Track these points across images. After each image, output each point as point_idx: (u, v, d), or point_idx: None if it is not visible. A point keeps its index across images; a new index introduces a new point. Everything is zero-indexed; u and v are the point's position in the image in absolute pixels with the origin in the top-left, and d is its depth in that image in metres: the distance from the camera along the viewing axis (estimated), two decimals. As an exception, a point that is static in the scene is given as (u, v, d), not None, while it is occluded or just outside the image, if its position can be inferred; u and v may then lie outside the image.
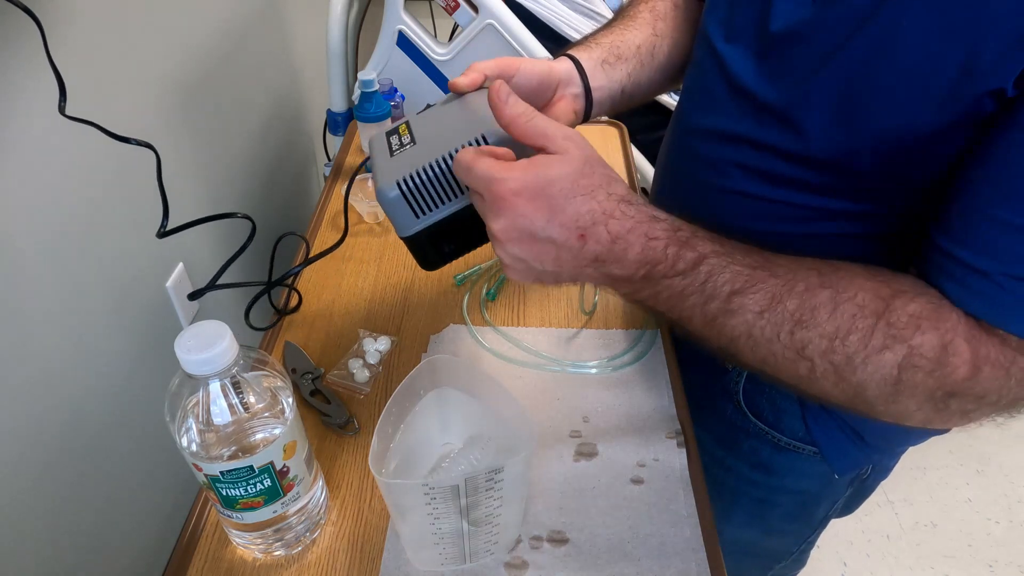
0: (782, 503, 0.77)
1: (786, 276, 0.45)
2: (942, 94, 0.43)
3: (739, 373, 0.70)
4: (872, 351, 0.43)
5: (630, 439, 0.64)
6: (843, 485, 0.74)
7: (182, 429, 0.46)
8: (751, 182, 0.58)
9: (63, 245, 0.71)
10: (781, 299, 0.44)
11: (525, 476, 0.51)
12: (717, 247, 0.46)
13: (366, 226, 0.91)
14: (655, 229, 0.45)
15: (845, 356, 0.43)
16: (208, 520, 0.59)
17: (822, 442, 0.68)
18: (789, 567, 0.89)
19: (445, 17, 1.27)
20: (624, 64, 0.67)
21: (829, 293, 0.44)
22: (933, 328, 0.42)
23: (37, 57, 0.64)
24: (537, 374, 0.70)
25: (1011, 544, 1.52)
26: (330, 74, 1.29)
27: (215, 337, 0.44)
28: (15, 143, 0.63)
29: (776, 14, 0.52)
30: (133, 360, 0.85)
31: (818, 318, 0.43)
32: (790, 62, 0.52)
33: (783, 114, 0.53)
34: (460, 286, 0.81)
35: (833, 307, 0.43)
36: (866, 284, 0.44)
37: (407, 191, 0.51)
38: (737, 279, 0.45)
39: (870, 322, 0.43)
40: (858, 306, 0.43)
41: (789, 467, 0.72)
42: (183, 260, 0.96)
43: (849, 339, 0.43)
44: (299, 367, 0.70)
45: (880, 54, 0.45)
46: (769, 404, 0.69)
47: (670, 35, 0.70)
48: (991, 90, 0.41)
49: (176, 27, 0.93)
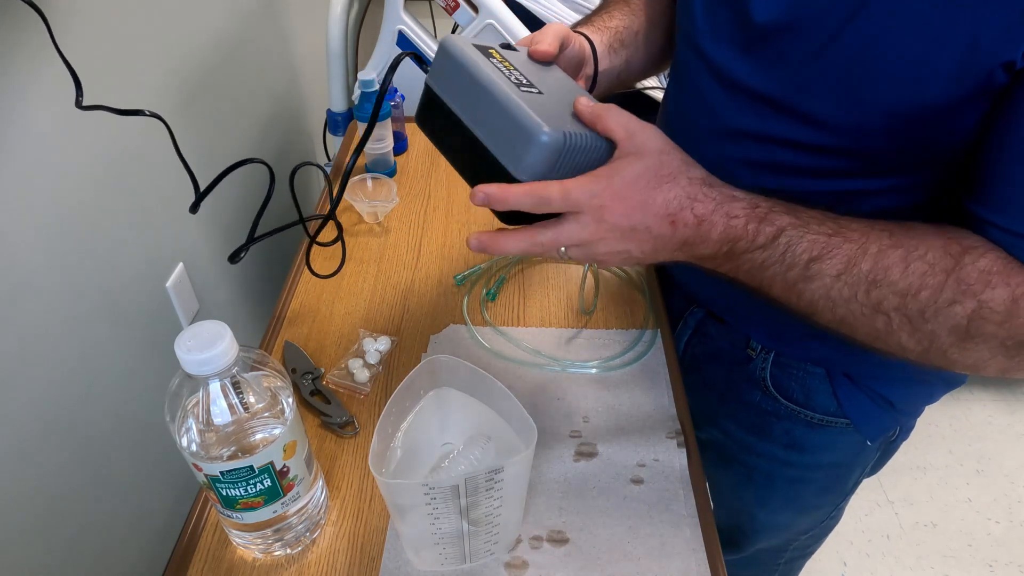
0: (816, 479, 0.78)
1: (860, 240, 0.47)
2: (950, 70, 0.44)
3: (764, 360, 0.71)
4: (943, 304, 0.45)
5: (630, 439, 0.64)
6: (873, 450, 0.75)
7: (182, 429, 0.46)
8: (759, 177, 0.58)
9: (63, 245, 0.71)
10: (856, 262, 0.46)
11: (525, 476, 0.51)
12: (793, 218, 0.48)
13: (366, 226, 0.91)
14: (735, 208, 0.48)
15: (917, 310, 0.45)
16: (208, 520, 0.59)
17: (853, 414, 0.69)
18: (817, 535, 0.90)
19: (445, 17, 1.27)
20: (624, 51, 0.68)
21: (900, 252, 0.46)
22: (1003, 283, 0.44)
23: (37, 53, 0.64)
24: (537, 374, 0.70)
25: (1011, 544, 1.52)
26: (330, 74, 1.29)
27: (215, 337, 0.44)
28: (15, 143, 0.63)
29: (757, 5, 0.53)
30: (133, 360, 0.85)
31: (891, 276, 0.46)
32: (783, 52, 0.52)
33: (784, 104, 0.53)
34: (460, 286, 0.81)
35: (905, 266, 0.45)
36: (936, 242, 0.46)
37: (567, 147, 0.47)
38: (814, 247, 0.47)
39: (940, 278, 0.45)
40: (928, 264, 0.45)
41: (822, 443, 0.73)
42: (183, 260, 0.96)
43: (920, 295, 0.45)
44: (299, 367, 0.70)
45: (880, 38, 0.46)
46: (798, 385, 0.70)
47: (659, 22, 0.71)
48: (1002, 63, 0.42)
49: (174, 29, 0.93)
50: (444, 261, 0.85)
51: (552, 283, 0.82)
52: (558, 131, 0.46)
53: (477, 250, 0.50)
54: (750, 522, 0.86)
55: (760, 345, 0.70)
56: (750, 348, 0.71)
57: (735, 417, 0.76)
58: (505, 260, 0.84)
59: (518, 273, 0.83)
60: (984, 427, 1.76)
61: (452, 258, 0.85)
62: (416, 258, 0.85)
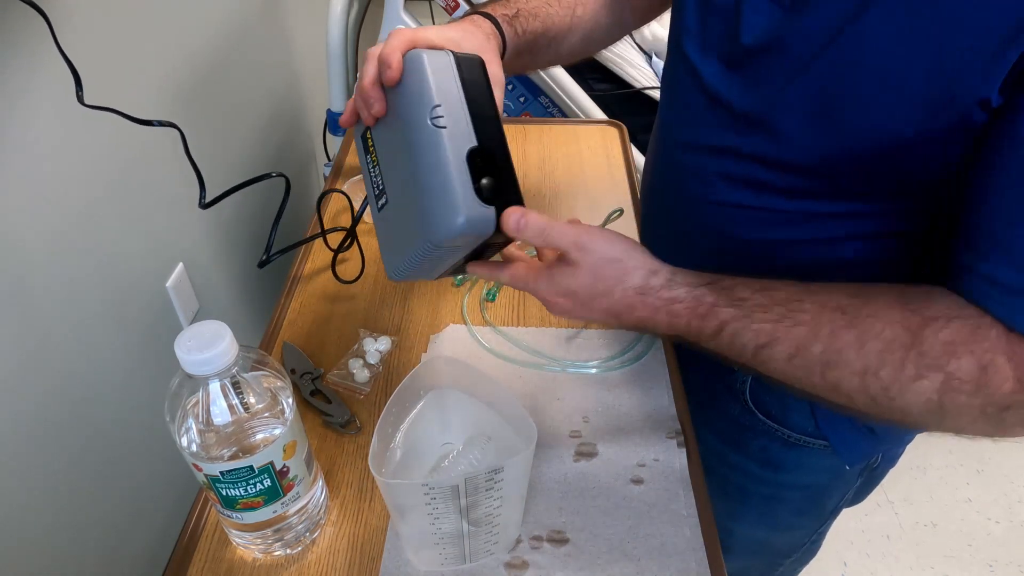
0: (792, 498, 0.77)
1: (811, 323, 0.46)
2: (923, 102, 0.44)
3: (745, 373, 0.70)
4: (907, 381, 0.44)
5: (630, 439, 0.64)
6: (853, 476, 0.74)
7: (182, 429, 0.46)
8: (736, 192, 0.58)
9: (63, 245, 0.71)
10: (807, 346, 0.46)
11: (525, 476, 0.51)
12: (736, 311, 0.48)
13: (366, 226, 0.91)
14: (676, 308, 0.50)
15: (880, 388, 0.45)
16: (208, 520, 0.59)
17: (832, 436, 0.68)
18: (800, 559, 0.89)
19: (445, 17, 1.27)
20: (538, 16, 0.66)
21: (855, 334, 0.45)
22: (968, 352, 0.42)
23: (38, 54, 0.64)
24: (537, 374, 0.70)
25: (1011, 544, 1.52)
26: (330, 74, 1.29)
27: (215, 337, 0.44)
28: (16, 143, 0.64)
29: (746, 27, 0.53)
30: (133, 360, 0.85)
31: (846, 358, 0.45)
32: (764, 72, 0.52)
33: (761, 122, 0.53)
34: (460, 286, 0.81)
35: (860, 346, 0.45)
36: (895, 316, 0.45)
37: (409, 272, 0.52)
38: (759, 336, 0.47)
39: (899, 355, 0.44)
40: (885, 341, 0.44)
41: (798, 462, 0.72)
42: (183, 260, 0.96)
43: (880, 373, 0.44)
44: (298, 368, 0.70)
45: (852, 64, 0.46)
46: (777, 401, 0.69)
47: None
48: (977, 100, 0.42)
49: (174, 28, 0.93)
50: (444, 261, 0.85)
51: (552, 283, 0.82)
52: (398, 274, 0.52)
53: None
54: (726, 535, 0.85)
55: None
56: None
57: (713, 427, 0.75)
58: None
59: (518, 273, 0.83)
60: (984, 427, 1.76)
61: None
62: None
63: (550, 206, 0.93)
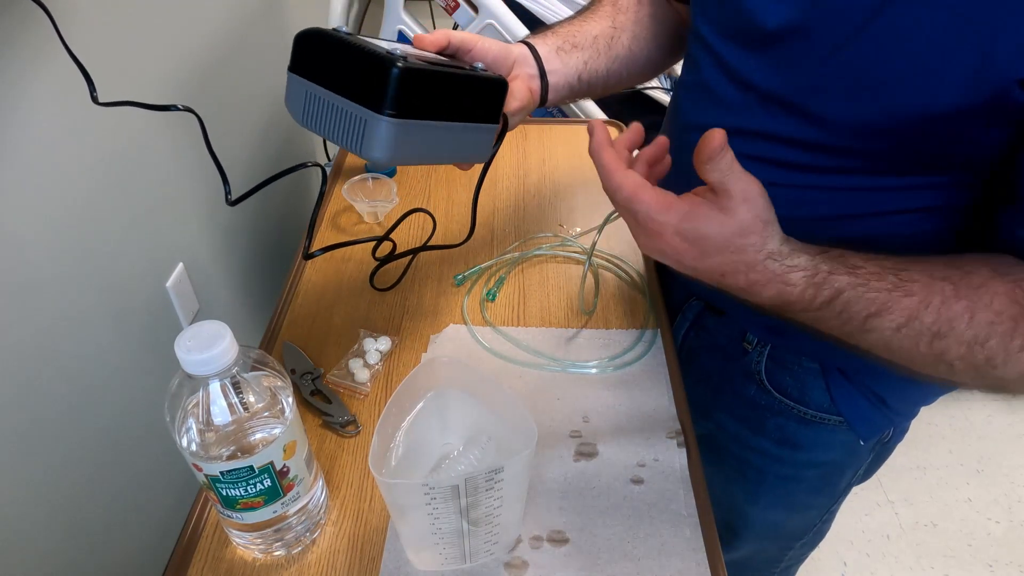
0: (808, 477, 0.78)
1: (922, 293, 0.47)
2: (963, 79, 0.44)
3: (759, 354, 0.71)
4: (1012, 352, 0.45)
5: (630, 439, 0.64)
6: (866, 451, 0.75)
7: (182, 429, 0.46)
8: (769, 172, 0.58)
9: (63, 244, 0.71)
10: (918, 315, 0.47)
11: (525, 476, 0.51)
12: (853, 278, 0.48)
13: (366, 226, 0.91)
14: (793, 276, 0.48)
15: (984, 358, 0.46)
16: (208, 520, 0.59)
17: (847, 411, 0.69)
18: (809, 542, 0.90)
19: (445, 17, 1.27)
20: (580, 52, 0.68)
21: (965, 304, 0.46)
22: None
23: (38, 52, 0.64)
24: (537, 374, 0.70)
25: (1011, 544, 1.52)
26: (330, 74, 1.29)
27: (215, 337, 0.44)
28: (16, 143, 0.63)
29: (764, 13, 0.53)
30: (133, 360, 0.85)
31: (956, 328, 0.46)
32: (794, 55, 0.53)
33: (794, 104, 0.54)
34: (460, 286, 0.81)
35: (970, 316, 0.46)
36: (1000, 288, 0.46)
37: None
38: (872, 304, 0.47)
39: (1008, 326, 0.45)
40: (995, 312, 0.45)
41: (815, 440, 0.73)
42: (183, 260, 0.96)
43: (988, 343, 0.45)
44: (298, 368, 0.70)
45: (891, 47, 0.46)
46: (793, 380, 0.70)
47: (630, 28, 0.71)
48: (1018, 79, 0.42)
49: (174, 29, 0.93)
50: (444, 261, 0.85)
51: (552, 283, 0.82)
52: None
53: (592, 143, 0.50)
54: (741, 519, 0.86)
55: (756, 339, 0.71)
56: (746, 342, 0.72)
57: (729, 410, 0.76)
58: (505, 260, 0.84)
59: (518, 273, 0.83)
60: (984, 427, 1.76)
61: (452, 258, 0.85)
62: (416, 258, 0.85)
63: (550, 206, 0.93)
